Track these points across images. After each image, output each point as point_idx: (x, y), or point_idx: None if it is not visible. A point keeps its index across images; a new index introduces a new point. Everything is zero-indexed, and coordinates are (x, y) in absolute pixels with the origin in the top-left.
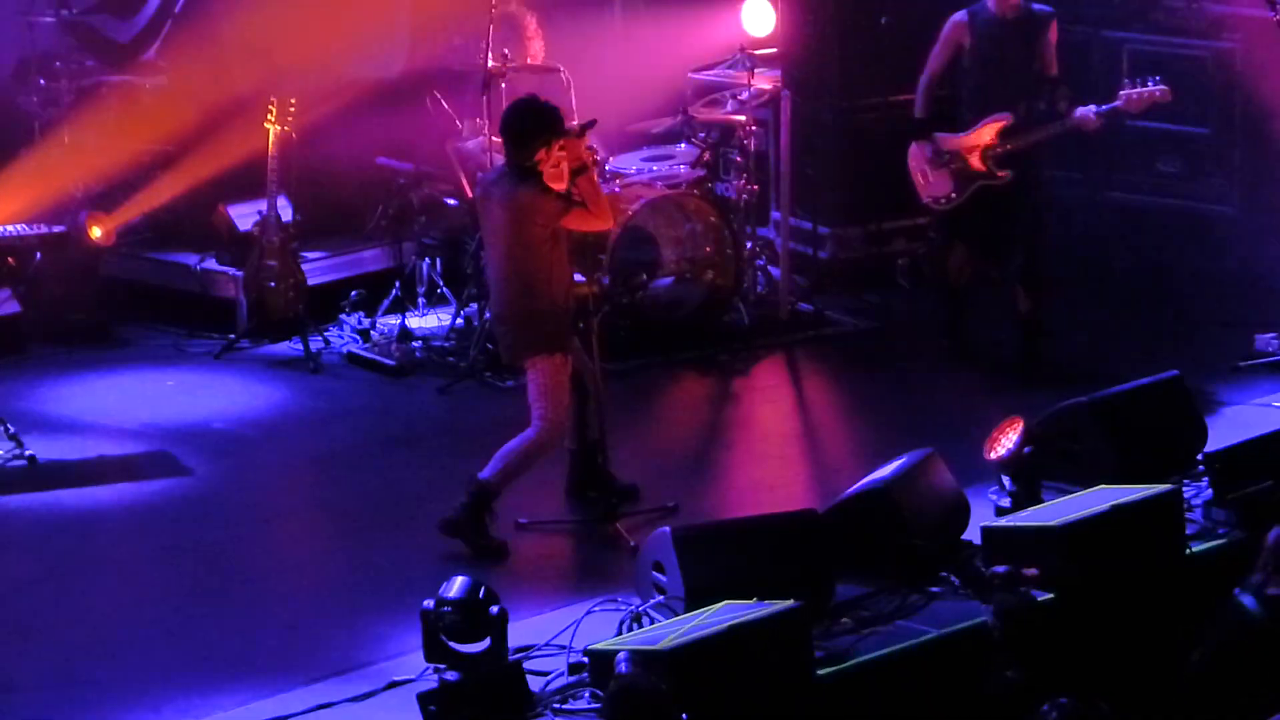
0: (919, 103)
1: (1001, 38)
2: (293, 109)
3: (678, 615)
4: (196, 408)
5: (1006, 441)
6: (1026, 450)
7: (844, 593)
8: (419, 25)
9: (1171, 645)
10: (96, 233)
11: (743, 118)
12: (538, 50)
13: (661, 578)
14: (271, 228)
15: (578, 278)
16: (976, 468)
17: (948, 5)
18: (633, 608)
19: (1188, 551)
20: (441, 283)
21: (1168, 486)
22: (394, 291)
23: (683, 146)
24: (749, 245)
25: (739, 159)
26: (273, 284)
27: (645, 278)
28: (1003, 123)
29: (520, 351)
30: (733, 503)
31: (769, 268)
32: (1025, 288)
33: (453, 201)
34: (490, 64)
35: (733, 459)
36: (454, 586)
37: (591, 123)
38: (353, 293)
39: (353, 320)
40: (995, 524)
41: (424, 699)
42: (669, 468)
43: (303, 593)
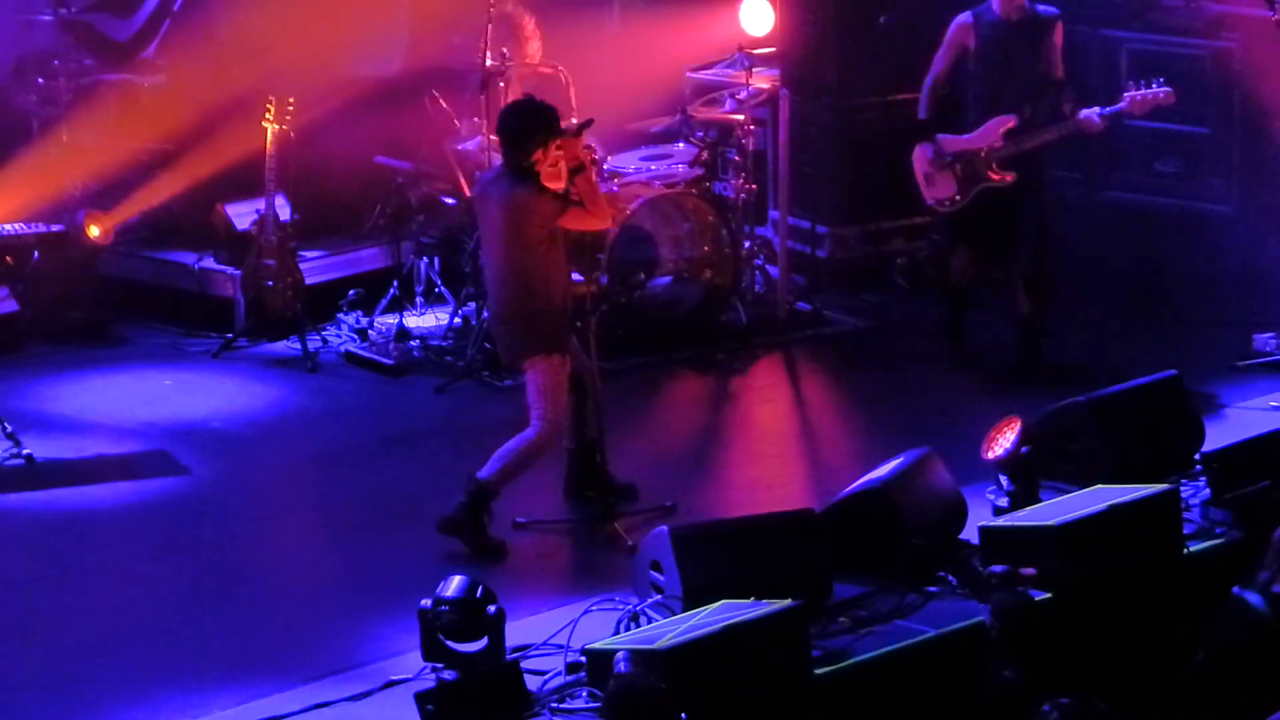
0: (922, 104)
1: (1006, 39)
2: (291, 108)
3: (675, 614)
4: (194, 407)
5: (1004, 441)
6: (1024, 450)
7: (842, 592)
8: (417, 24)
9: (1169, 645)
10: (94, 231)
11: (741, 117)
12: (535, 50)
13: (659, 577)
14: (269, 227)
15: (576, 277)
16: (974, 467)
17: (946, 5)
18: (630, 607)
19: (1185, 551)
20: (439, 282)
21: (1165, 486)
22: (392, 291)
23: (681, 146)
24: (747, 244)
25: (737, 158)
26: (271, 283)
27: (643, 277)
28: (1008, 125)
29: (519, 352)
30: (730, 502)
31: (767, 267)
32: (1028, 290)
33: (451, 201)
34: (488, 63)
35: (730, 458)
36: (451, 585)
37: (589, 122)
38: (351, 292)
39: (350, 319)
40: (993, 524)
41: (421, 698)
42: (667, 467)
43: (300, 592)
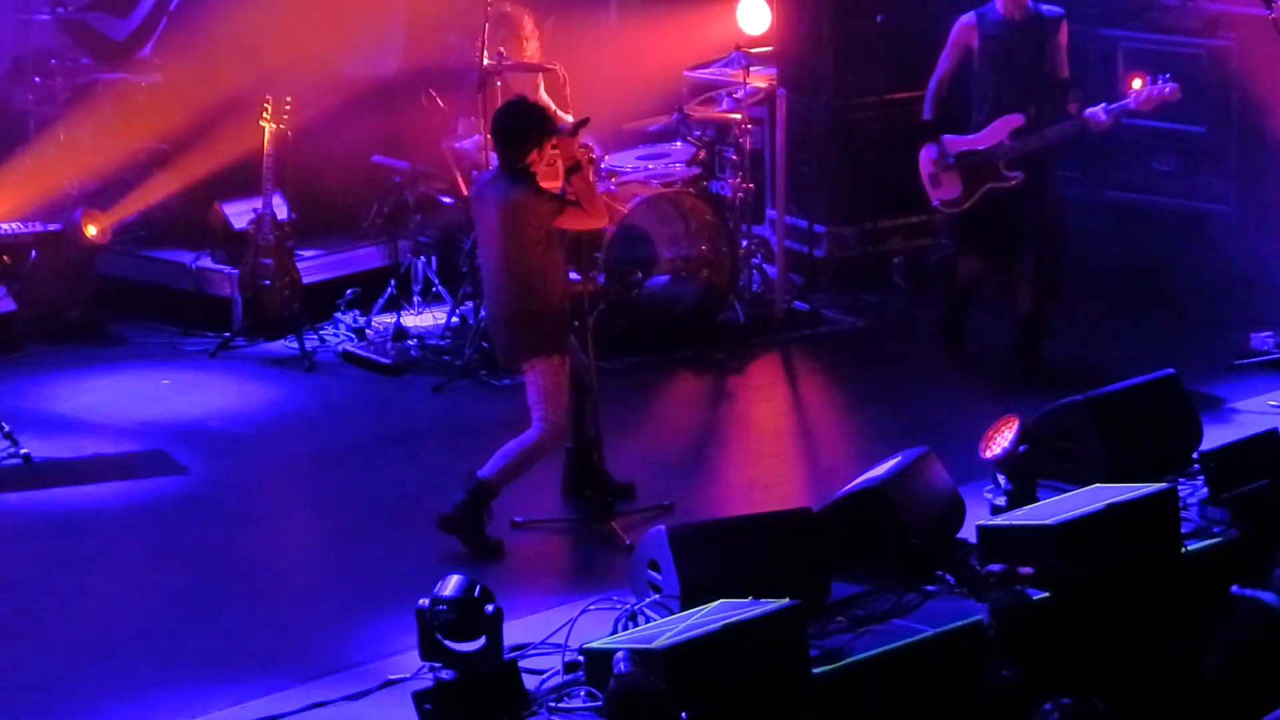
0: (927, 105)
1: (1010, 39)
2: (288, 107)
3: (673, 614)
4: (191, 406)
5: (1002, 440)
6: (1022, 449)
7: (839, 591)
8: (415, 23)
9: (1167, 644)
10: (92, 231)
11: (738, 116)
12: (535, 50)
13: (657, 576)
14: (267, 226)
15: (573, 276)
16: (972, 466)
17: (944, 4)
18: (628, 606)
19: (1183, 550)
20: (437, 281)
21: (1163, 485)
22: (389, 290)
23: (678, 145)
24: (744, 244)
25: (734, 157)
26: (268, 282)
27: (641, 276)
28: (1015, 125)
29: (518, 354)
30: (728, 501)
31: (765, 266)
32: (1034, 288)
33: (448, 200)
34: (486, 62)
35: (728, 457)
36: (449, 585)
37: (585, 121)
38: (348, 291)
39: (348, 318)
40: (991, 523)
41: (419, 698)
42: (665, 466)
43: (298, 591)
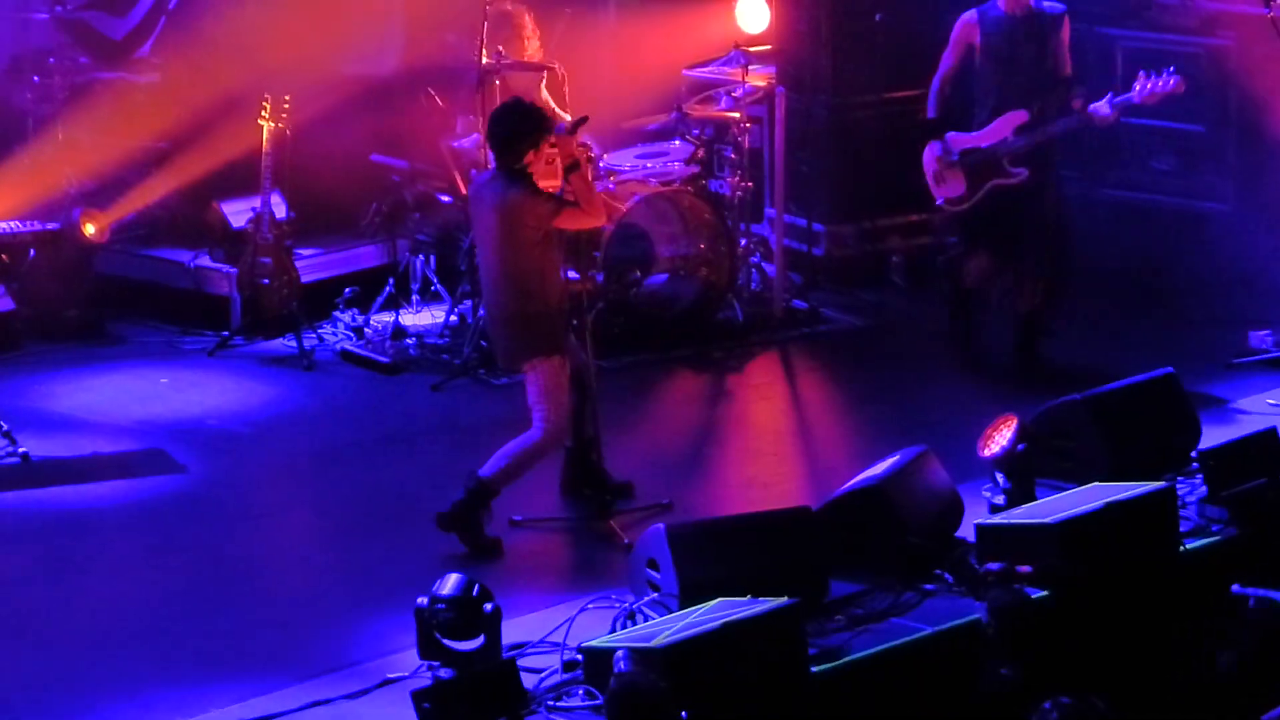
0: (931, 104)
1: (1012, 36)
2: (287, 106)
3: (672, 612)
4: (190, 405)
5: (1001, 439)
6: (1021, 447)
7: (838, 590)
8: (413, 22)
9: (1166, 642)
10: (90, 230)
11: (737, 114)
12: (535, 49)
13: (655, 575)
14: (265, 225)
15: (572, 275)
16: (971, 465)
17: (943, 2)
18: (627, 605)
19: (1182, 549)
20: (435, 280)
21: (1162, 484)
22: (388, 288)
23: (677, 143)
24: (743, 242)
25: (733, 156)
26: (267, 281)
27: (639, 274)
28: (1019, 121)
29: (518, 355)
30: (727, 500)
31: (763, 265)
32: (1034, 287)
33: (447, 199)
34: (484, 61)
35: (727, 456)
36: (448, 584)
37: (584, 119)
38: (347, 290)
39: (346, 317)
40: (989, 521)
41: (418, 696)
42: (663, 465)
43: (296, 590)
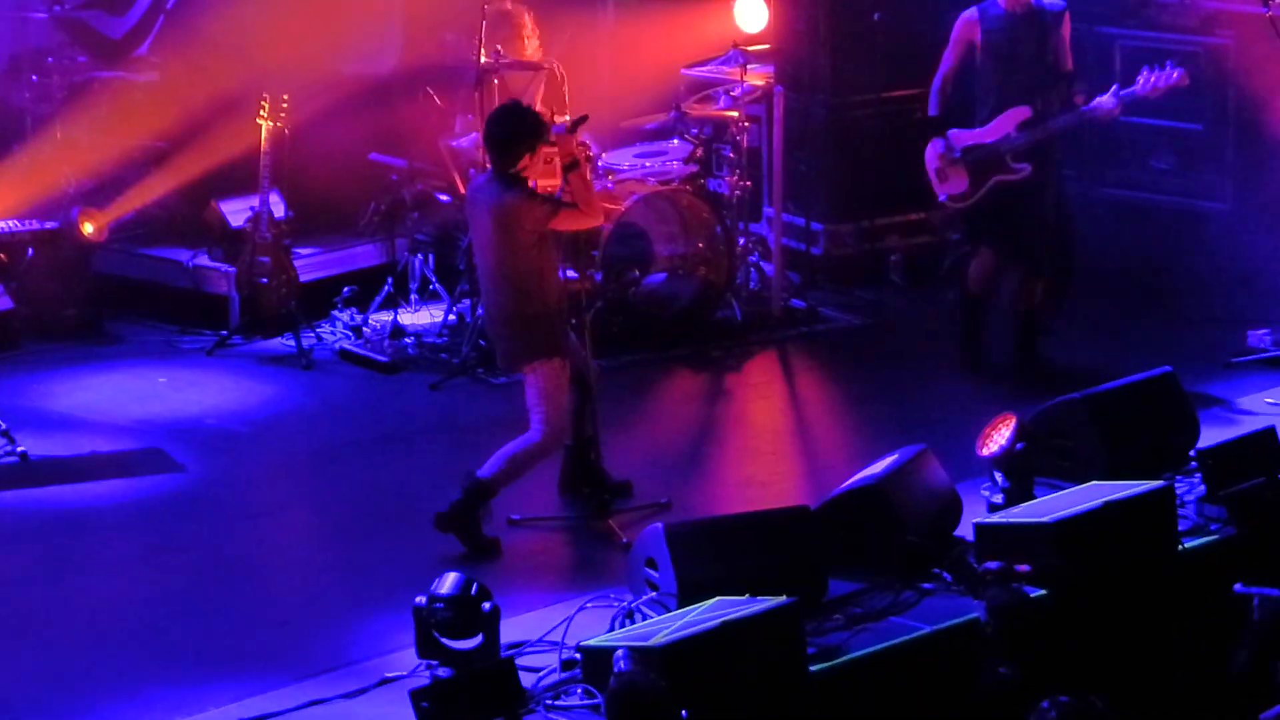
0: (933, 102)
1: (1013, 33)
2: (285, 105)
3: (670, 611)
4: (188, 404)
5: (999, 438)
6: (1019, 447)
7: (836, 589)
8: (412, 21)
9: (1165, 641)
10: (89, 229)
11: (735, 114)
12: (535, 48)
13: (654, 574)
14: (264, 224)
15: (570, 274)
16: (969, 464)
17: (942, 1)
18: (625, 604)
19: (1180, 548)
20: (434, 279)
21: (1160, 483)
22: (386, 288)
23: (675, 142)
24: (741, 241)
25: (731, 155)
26: (265, 280)
27: (638, 274)
28: (1022, 117)
29: (518, 357)
30: (725, 499)
31: (762, 264)
32: (1033, 286)
33: (445, 198)
34: (483, 60)
35: (725, 455)
36: (446, 583)
37: (583, 118)
38: (345, 289)
39: (345, 316)
40: (988, 520)
41: (416, 695)
42: (662, 464)
43: (294, 589)
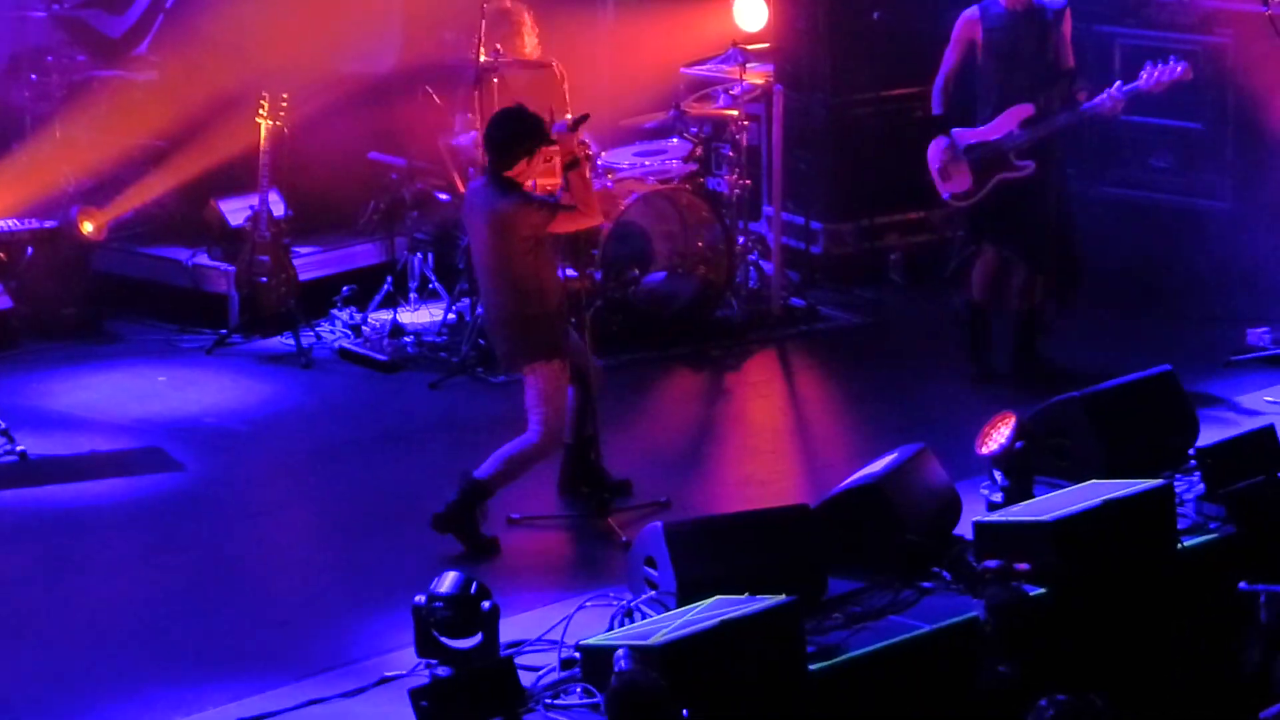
0: (936, 101)
1: (1014, 32)
2: (284, 104)
3: (670, 610)
4: (188, 403)
5: (998, 436)
6: (1018, 445)
7: (836, 588)
8: (411, 20)
9: (1164, 640)
10: (88, 228)
11: (735, 112)
12: (534, 46)
13: (653, 573)
14: (263, 223)
15: (570, 273)
16: (969, 463)
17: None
18: (625, 603)
19: (1179, 546)
20: (433, 278)
21: (1159, 481)
22: (386, 286)
23: (675, 141)
24: (741, 240)
25: (731, 154)
26: (264, 279)
27: (637, 272)
28: (1024, 114)
29: (517, 359)
30: (724, 498)
31: (761, 262)
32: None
33: (445, 197)
34: (482, 58)
35: (725, 454)
36: (445, 582)
37: (585, 117)
38: (344, 288)
39: (344, 315)
40: (987, 519)
41: (416, 694)
42: (661, 463)
43: (294, 588)
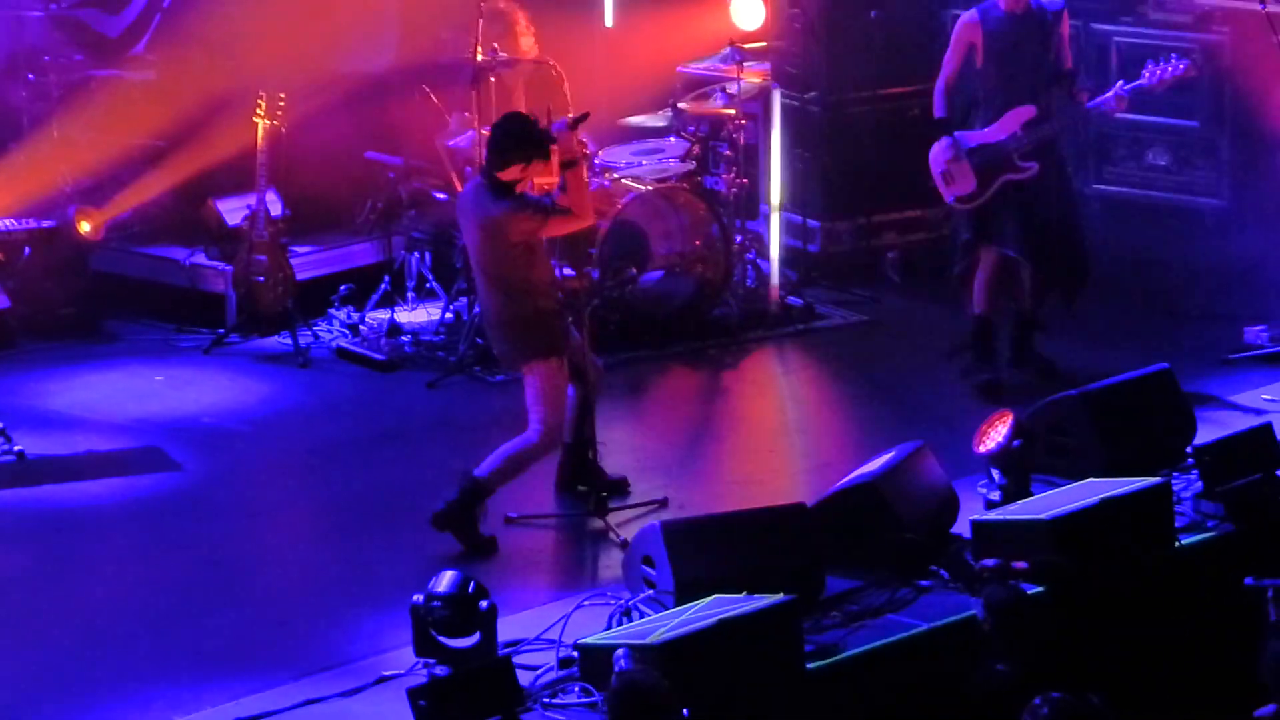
0: (938, 104)
1: (1014, 34)
2: (282, 103)
3: (667, 609)
4: (185, 403)
5: (996, 435)
6: (1016, 443)
7: (834, 586)
8: (408, 19)
9: (1161, 638)
10: (85, 227)
11: (732, 111)
12: (530, 46)
13: (651, 572)
14: (261, 222)
15: (567, 271)
16: (966, 461)
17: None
18: (622, 602)
19: (1177, 544)
20: (431, 277)
21: (1157, 479)
22: (383, 286)
23: (672, 140)
24: (738, 239)
25: (728, 153)
26: (262, 279)
27: (635, 271)
28: (1026, 116)
29: (515, 358)
30: (722, 496)
31: (758, 261)
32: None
33: (442, 196)
34: (479, 58)
35: (722, 453)
36: (443, 581)
37: (584, 115)
38: (342, 287)
39: (342, 315)
40: (985, 517)
41: (414, 694)
42: (659, 461)
43: (292, 587)
